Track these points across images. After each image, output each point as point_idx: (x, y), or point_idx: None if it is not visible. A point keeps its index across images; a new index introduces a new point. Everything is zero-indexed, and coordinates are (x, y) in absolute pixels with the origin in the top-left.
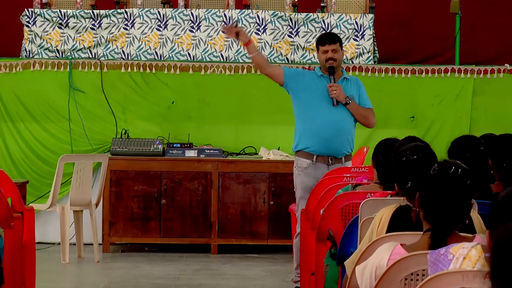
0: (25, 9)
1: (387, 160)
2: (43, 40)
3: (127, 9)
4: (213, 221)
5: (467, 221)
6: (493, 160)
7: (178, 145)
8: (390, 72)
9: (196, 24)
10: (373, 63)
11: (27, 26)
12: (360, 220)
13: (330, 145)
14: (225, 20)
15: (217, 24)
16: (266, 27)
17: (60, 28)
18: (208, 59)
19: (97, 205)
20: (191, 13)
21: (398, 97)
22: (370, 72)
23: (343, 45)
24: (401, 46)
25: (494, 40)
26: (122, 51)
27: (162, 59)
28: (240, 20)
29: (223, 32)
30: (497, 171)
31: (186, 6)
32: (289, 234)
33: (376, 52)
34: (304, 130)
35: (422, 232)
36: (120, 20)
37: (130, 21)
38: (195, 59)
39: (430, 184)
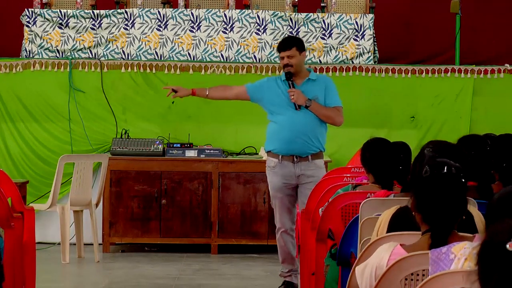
0: (25, 9)
1: (380, 162)
2: (43, 40)
3: (127, 9)
4: (213, 221)
5: (464, 217)
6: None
7: (178, 145)
8: (390, 72)
9: (196, 24)
10: (373, 63)
11: (27, 26)
12: (360, 220)
13: (292, 147)
14: (225, 20)
15: (217, 24)
16: (266, 27)
17: (60, 28)
18: (208, 59)
19: (97, 205)
20: (191, 13)
21: (398, 97)
22: (370, 72)
23: (344, 45)
24: (401, 46)
25: (494, 40)
26: (122, 51)
27: (162, 59)
28: (240, 20)
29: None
30: (497, 171)
31: (186, 6)
32: None
33: (376, 52)
34: (270, 132)
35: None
36: (120, 20)
37: (130, 21)
38: (195, 59)
39: (425, 187)
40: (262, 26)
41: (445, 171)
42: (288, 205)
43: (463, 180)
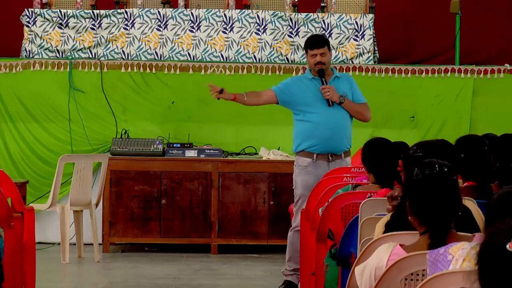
0: (25, 9)
1: (381, 162)
2: (43, 40)
3: (127, 9)
4: (213, 221)
5: (460, 213)
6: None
7: (178, 145)
8: (390, 72)
9: (196, 24)
10: (373, 63)
11: (27, 26)
12: (360, 220)
13: (329, 144)
14: (225, 20)
15: (217, 24)
16: (266, 27)
17: (60, 28)
18: (208, 59)
19: (97, 205)
20: (191, 13)
21: (398, 97)
22: (370, 72)
23: (344, 45)
24: (401, 46)
25: (494, 40)
26: (122, 51)
27: (162, 59)
28: (240, 20)
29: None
30: (498, 171)
31: (186, 6)
32: None
33: (376, 52)
34: (303, 131)
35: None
36: (120, 20)
37: (130, 21)
38: (195, 59)
39: (419, 189)
40: (262, 26)
41: (436, 170)
42: None
43: (455, 177)
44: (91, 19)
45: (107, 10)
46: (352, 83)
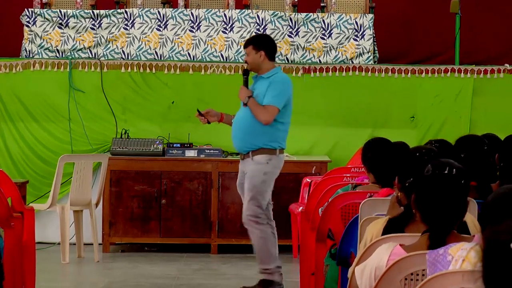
0: (25, 9)
1: (381, 162)
2: (43, 40)
3: (127, 9)
4: (213, 221)
5: (463, 219)
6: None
7: (178, 145)
8: (390, 72)
9: (196, 24)
10: (373, 63)
11: (27, 26)
12: (360, 220)
13: (234, 142)
14: (225, 20)
15: (217, 24)
16: (266, 27)
17: (60, 28)
18: (208, 59)
19: (97, 205)
20: (191, 13)
21: (398, 97)
22: (370, 72)
23: (343, 44)
24: (401, 46)
25: (494, 40)
26: (122, 51)
27: (162, 59)
28: (240, 20)
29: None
30: (502, 171)
31: (186, 6)
32: (289, 234)
33: (376, 52)
34: None
35: (420, 234)
36: (120, 20)
37: (130, 21)
38: (195, 59)
39: (425, 186)
40: (262, 26)
41: (446, 171)
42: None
43: (463, 181)
44: (91, 19)
45: (107, 10)
46: (270, 85)
